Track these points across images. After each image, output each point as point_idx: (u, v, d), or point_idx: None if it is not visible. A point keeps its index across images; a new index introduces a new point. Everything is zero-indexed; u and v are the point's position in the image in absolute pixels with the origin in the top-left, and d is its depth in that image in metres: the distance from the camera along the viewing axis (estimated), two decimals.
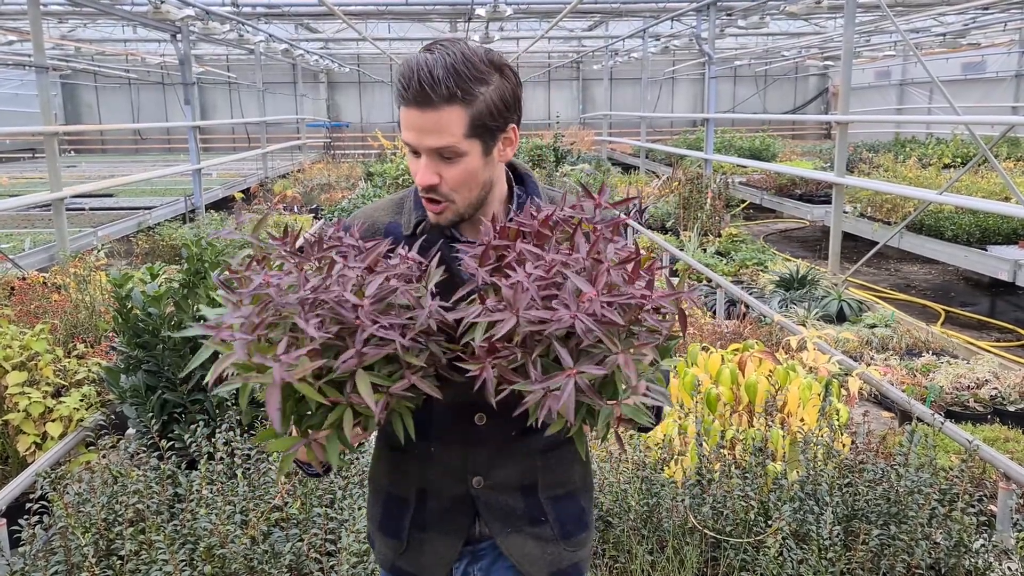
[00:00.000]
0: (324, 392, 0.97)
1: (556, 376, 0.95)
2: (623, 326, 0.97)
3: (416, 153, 1.23)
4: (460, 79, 1.16)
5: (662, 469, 2.80)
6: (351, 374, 0.96)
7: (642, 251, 1.05)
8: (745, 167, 12.48)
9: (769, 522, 2.43)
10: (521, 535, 1.38)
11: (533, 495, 1.38)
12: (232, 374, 0.95)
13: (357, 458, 2.85)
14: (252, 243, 1.08)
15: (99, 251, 6.47)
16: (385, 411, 1.00)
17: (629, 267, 1.01)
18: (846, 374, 3.93)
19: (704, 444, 2.64)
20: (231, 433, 2.71)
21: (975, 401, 4.33)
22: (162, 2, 9.10)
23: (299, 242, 1.09)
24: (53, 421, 3.47)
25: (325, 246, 1.07)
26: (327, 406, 0.99)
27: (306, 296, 0.96)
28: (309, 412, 1.01)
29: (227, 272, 1.05)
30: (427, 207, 1.27)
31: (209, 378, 0.96)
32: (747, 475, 2.55)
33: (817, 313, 5.97)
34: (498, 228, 1.09)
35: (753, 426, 3.11)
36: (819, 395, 3.18)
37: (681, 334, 1.04)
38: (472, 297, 1.06)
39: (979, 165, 10.30)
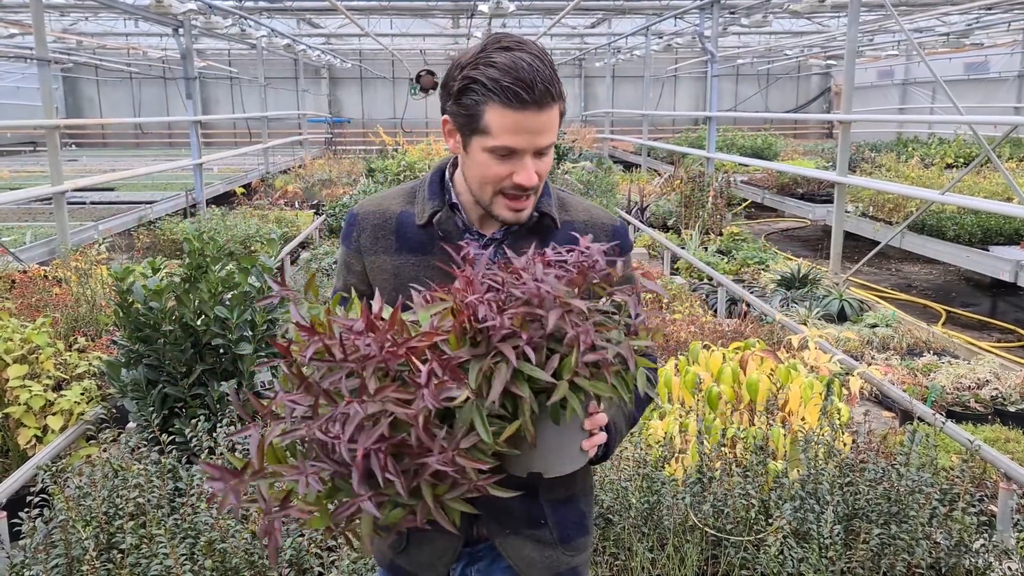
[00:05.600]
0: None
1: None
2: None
3: (505, 156, 1.20)
4: (558, 78, 1.17)
5: (663, 467, 2.80)
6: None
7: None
8: (747, 166, 12.47)
9: (770, 520, 2.43)
10: (520, 538, 1.37)
11: (533, 498, 1.37)
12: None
13: None
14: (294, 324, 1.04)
15: (100, 245, 6.45)
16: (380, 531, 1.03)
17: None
18: (847, 373, 3.92)
19: (705, 442, 2.64)
20: (232, 428, 2.71)
21: (976, 401, 4.33)
22: None
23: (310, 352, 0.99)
24: (54, 414, 3.47)
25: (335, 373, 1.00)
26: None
27: (301, 430, 0.97)
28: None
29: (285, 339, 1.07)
30: (513, 206, 1.24)
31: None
32: (748, 473, 2.54)
33: (818, 312, 5.96)
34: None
35: (754, 425, 3.11)
36: (820, 394, 3.18)
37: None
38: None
39: (982, 165, 10.28)
